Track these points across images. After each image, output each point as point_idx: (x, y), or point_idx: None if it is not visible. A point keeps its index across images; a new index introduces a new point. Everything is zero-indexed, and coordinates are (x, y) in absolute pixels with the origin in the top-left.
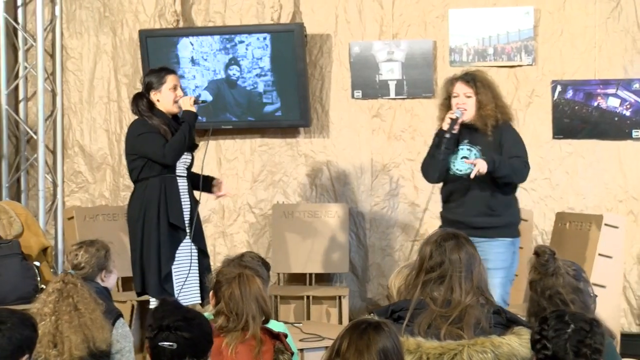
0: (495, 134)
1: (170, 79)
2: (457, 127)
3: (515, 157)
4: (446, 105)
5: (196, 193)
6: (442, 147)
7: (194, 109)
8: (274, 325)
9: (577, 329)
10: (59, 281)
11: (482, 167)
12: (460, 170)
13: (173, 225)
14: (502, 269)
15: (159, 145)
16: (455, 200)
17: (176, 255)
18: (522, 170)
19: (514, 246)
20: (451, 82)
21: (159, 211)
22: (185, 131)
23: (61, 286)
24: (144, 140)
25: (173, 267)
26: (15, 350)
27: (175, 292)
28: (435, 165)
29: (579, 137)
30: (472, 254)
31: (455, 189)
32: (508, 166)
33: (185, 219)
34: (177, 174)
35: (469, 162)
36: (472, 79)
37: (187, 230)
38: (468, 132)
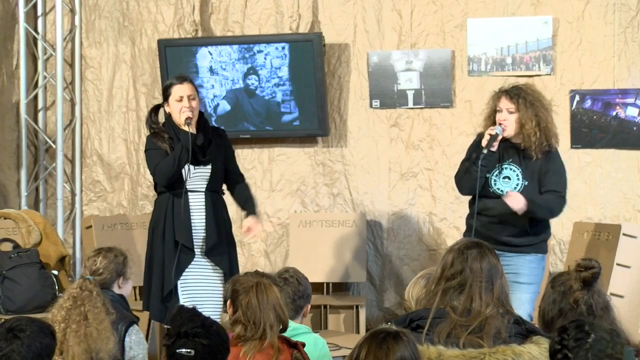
0: (543, 159)
1: (175, 91)
2: (496, 144)
3: (551, 192)
4: (491, 120)
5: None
6: (479, 164)
7: (186, 128)
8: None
9: (597, 339)
10: (76, 287)
11: (515, 204)
12: (502, 191)
13: (180, 244)
14: (534, 284)
15: (153, 164)
16: (493, 216)
17: (191, 275)
18: (557, 208)
19: (544, 261)
20: (497, 96)
21: (165, 229)
22: (176, 153)
23: (77, 293)
24: (147, 157)
25: (181, 286)
26: (34, 359)
27: None
28: (469, 182)
29: (597, 147)
30: (495, 264)
31: (494, 206)
32: (544, 207)
33: (201, 236)
34: (190, 189)
35: (508, 199)
36: (516, 94)
37: (197, 249)
38: (514, 151)
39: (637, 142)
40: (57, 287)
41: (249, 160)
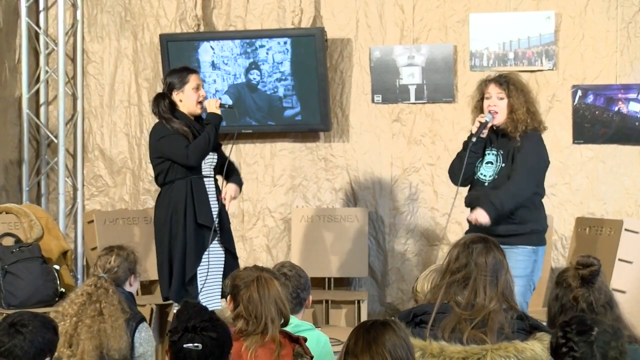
0: (521, 140)
1: (192, 79)
2: (485, 131)
3: (513, 176)
4: (479, 107)
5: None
6: (469, 150)
7: (219, 111)
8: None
9: (601, 332)
10: (91, 285)
11: (481, 218)
12: (485, 176)
13: (200, 227)
14: (521, 277)
15: (181, 147)
16: (479, 207)
17: (204, 257)
18: (519, 189)
19: (536, 254)
20: (485, 83)
21: (186, 213)
22: (211, 133)
23: (92, 290)
24: (166, 143)
25: (198, 270)
26: (37, 353)
27: (199, 295)
28: (460, 168)
29: (599, 142)
30: (500, 260)
31: (479, 195)
32: (510, 199)
33: (217, 220)
34: (204, 174)
35: (473, 219)
36: (505, 81)
37: (217, 231)
38: (496, 136)
39: (639, 138)
40: (58, 282)
41: (251, 155)
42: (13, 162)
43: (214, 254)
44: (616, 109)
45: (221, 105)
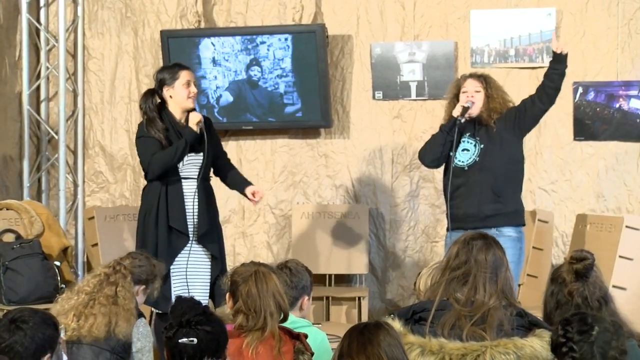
0: (498, 124)
1: (183, 75)
2: (467, 116)
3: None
4: (453, 104)
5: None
6: (455, 129)
7: (197, 129)
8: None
9: (601, 331)
10: (109, 267)
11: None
12: (462, 162)
13: (173, 229)
14: (511, 263)
15: (147, 154)
16: (462, 195)
17: (182, 259)
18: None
19: (520, 242)
20: (461, 80)
21: (158, 215)
22: (179, 148)
23: (110, 272)
24: (139, 144)
25: (172, 270)
26: (37, 349)
27: (173, 296)
28: (435, 147)
29: (600, 139)
30: (500, 257)
31: (459, 184)
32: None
33: (193, 222)
34: (183, 176)
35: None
36: (482, 75)
37: (191, 235)
38: (471, 126)
39: None
40: (59, 278)
41: (252, 152)
42: (13, 159)
43: (195, 256)
44: (617, 105)
45: (198, 123)
